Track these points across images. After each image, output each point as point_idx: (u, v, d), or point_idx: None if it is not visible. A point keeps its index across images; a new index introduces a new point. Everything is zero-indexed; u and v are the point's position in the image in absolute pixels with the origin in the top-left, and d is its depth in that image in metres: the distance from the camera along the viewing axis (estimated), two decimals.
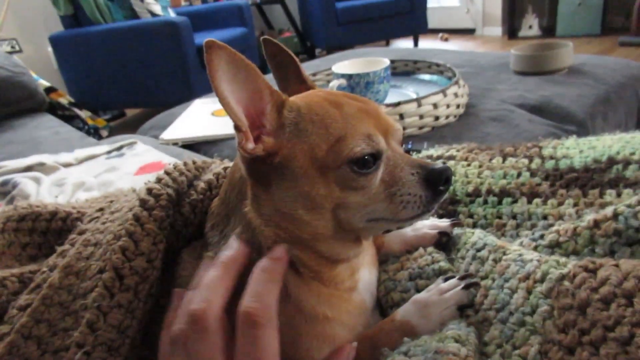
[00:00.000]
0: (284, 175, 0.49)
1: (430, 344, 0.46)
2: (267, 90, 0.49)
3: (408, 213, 0.50)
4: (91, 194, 1.18)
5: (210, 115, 1.76)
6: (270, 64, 0.62)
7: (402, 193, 0.50)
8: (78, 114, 3.25)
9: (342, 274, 0.55)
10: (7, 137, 2.00)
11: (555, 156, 0.76)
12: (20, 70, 2.37)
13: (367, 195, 0.50)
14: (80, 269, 0.57)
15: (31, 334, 0.53)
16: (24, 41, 4.12)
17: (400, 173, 0.51)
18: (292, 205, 0.49)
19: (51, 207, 0.70)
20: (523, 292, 0.48)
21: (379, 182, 0.50)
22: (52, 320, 0.54)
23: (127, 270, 0.53)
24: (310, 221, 0.50)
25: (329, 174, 0.49)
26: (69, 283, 0.56)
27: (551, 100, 1.55)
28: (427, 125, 1.39)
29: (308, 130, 0.49)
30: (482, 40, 5.74)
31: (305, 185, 0.49)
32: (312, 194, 0.49)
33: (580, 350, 0.39)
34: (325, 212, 0.50)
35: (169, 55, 3.49)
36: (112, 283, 0.52)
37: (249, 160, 0.50)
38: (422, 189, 0.50)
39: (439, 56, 2.10)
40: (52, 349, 0.52)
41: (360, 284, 0.57)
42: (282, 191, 0.50)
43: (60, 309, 0.55)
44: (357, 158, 0.48)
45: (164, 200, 0.58)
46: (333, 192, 0.49)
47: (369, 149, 0.49)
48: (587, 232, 0.54)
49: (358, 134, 0.49)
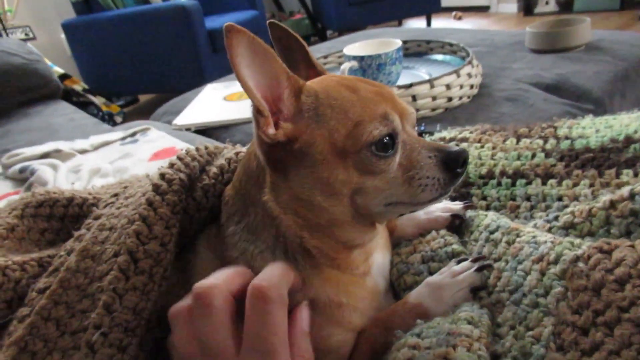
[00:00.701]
0: (303, 162, 0.49)
1: (443, 325, 0.46)
2: (284, 75, 0.49)
3: (426, 196, 0.51)
4: (107, 180, 1.20)
5: (222, 100, 1.76)
6: (277, 48, 0.61)
7: (421, 176, 0.50)
8: (92, 100, 3.29)
9: (357, 259, 0.55)
10: (24, 125, 2.03)
11: (571, 136, 0.74)
12: (35, 58, 2.39)
13: (385, 179, 0.50)
14: (96, 252, 0.58)
15: (50, 315, 0.55)
16: (38, 28, 4.14)
17: (417, 156, 0.51)
18: (310, 191, 0.49)
19: (68, 193, 0.71)
20: (537, 274, 0.48)
21: (397, 166, 0.50)
22: (70, 302, 0.55)
23: (141, 254, 0.54)
24: (329, 207, 0.50)
25: (348, 159, 0.49)
26: (86, 266, 0.57)
27: (567, 79, 1.52)
28: (440, 107, 1.38)
29: (327, 115, 0.49)
30: (497, 18, 5.61)
31: (324, 171, 0.48)
32: (331, 180, 0.49)
33: (595, 331, 0.39)
34: (343, 197, 0.50)
35: (180, 39, 3.49)
36: (127, 266, 0.53)
37: (267, 147, 0.50)
38: (440, 172, 0.50)
39: (452, 36, 2.06)
40: (70, 329, 0.54)
41: (373, 268, 0.58)
42: (301, 178, 0.49)
43: (78, 292, 0.56)
44: (377, 141, 0.48)
45: (177, 185, 0.59)
46: (352, 177, 0.49)
47: (386, 129, 0.49)
48: (602, 213, 0.54)
49: (376, 116, 0.49)
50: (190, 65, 3.58)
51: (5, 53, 2.29)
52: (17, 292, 0.60)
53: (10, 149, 1.59)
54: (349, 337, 0.54)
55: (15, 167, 1.35)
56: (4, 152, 1.55)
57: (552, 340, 0.41)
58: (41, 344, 0.53)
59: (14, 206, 0.70)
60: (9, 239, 0.67)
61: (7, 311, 0.59)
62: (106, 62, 3.77)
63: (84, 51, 3.81)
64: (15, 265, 0.61)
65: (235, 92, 1.81)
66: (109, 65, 3.78)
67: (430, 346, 0.44)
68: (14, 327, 0.56)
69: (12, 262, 0.61)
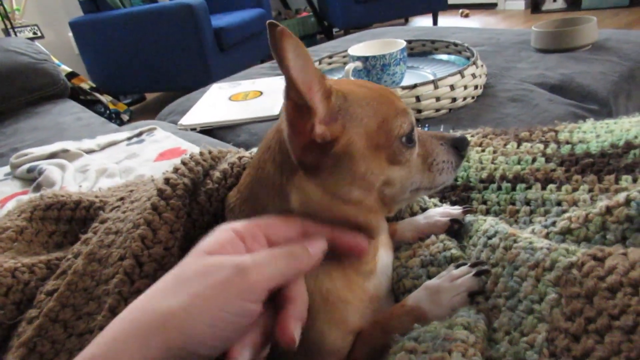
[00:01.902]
0: (340, 160, 0.50)
1: (440, 330, 0.47)
2: (317, 78, 0.48)
3: (444, 178, 0.58)
4: (114, 180, 1.22)
5: (227, 100, 1.77)
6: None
7: (438, 161, 0.57)
8: (100, 98, 3.31)
9: (369, 253, 0.57)
10: (32, 124, 2.05)
11: (572, 141, 0.75)
12: (43, 57, 2.41)
13: (410, 168, 0.54)
14: (102, 256, 0.59)
15: (58, 317, 0.56)
16: (45, 27, 4.18)
17: (431, 145, 0.57)
18: (347, 188, 0.51)
19: (75, 196, 0.73)
20: (532, 280, 0.48)
21: (417, 155, 0.55)
22: (77, 304, 0.57)
23: (145, 258, 0.55)
24: (363, 200, 0.52)
25: (382, 153, 0.52)
26: (92, 269, 0.58)
27: (573, 79, 1.52)
28: (444, 108, 1.38)
29: (358, 114, 0.51)
30: (504, 15, 5.58)
31: (362, 167, 0.51)
32: (367, 174, 0.51)
33: (586, 338, 0.40)
34: (375, 190, 0.52)
35: (186, 37, 3.51)
36: (132, 270, 0.54)
37: (301, 150, 0.50)
38: (452, 155, 0.58)
39: (457, 35, 2.06)
40: (77, 331, 0.55)
41: (379, 266, 0.59)
42: (336, 175, 0.50)
43: (85, 294, 0.57)
44: (406, 133, 0.53)
45: (181, 190, 0.60)
46: (384, 169, 0.52)
47: (410, 123, 0.54)
48: (599, 219, 0.54)
49: (399, 111, 0.53)
50: (197, 63, 3.60)
51: (13, 52, 2.32)
52: (26, 294, 0.62)
53: (19, 147, 1.61)
54: (348, 338, 0.54)
55: (23, 167, 1.37)
56: (12, 151, 1.57)
57: (546, 346, 0.42)
58: (49, 345, 0.55)
59: (23, 208, 0.72)
60: (18, 241, 0.68)
61: (16, 312, 0.61)
62: (113, 60, 3.80)
63: (91, 50, 3.84)
64: (25, 268, 0.63)
65: (240, 92, 1.82)
66: (116, 64, 3.80)
67: (426, 351, 0.45)
68: (23, 329, 0.58)
69: (21, 264, 0.63)
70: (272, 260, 0.41)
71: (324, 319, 0.53)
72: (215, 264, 0.38)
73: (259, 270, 0.38)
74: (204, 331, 0.35)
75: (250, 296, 0.37)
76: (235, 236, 0.42)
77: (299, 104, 0.47)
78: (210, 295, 0.36)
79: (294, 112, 0.47)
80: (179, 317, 0.35)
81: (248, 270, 0.37)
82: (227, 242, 0.41)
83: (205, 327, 0.35)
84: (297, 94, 0.45)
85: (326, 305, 0.53)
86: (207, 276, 0.37)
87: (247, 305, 0.37)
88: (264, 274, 0.39)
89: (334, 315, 0.53)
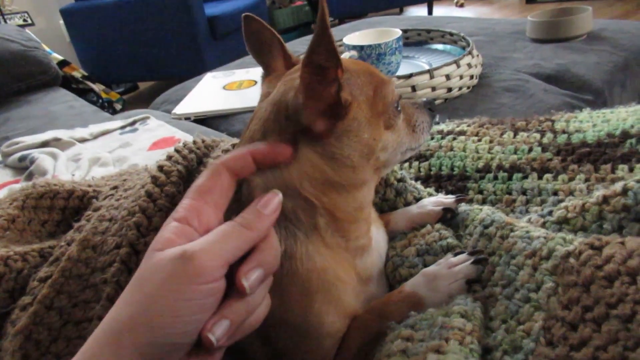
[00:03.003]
0: (349, 126, 0.51)
1: (437, 318, 0.47)
2: None
3: (425, 136, 0.63)
4: (107, 169, 1.21)
5: (221, 89, 1.76)
6: (252, 41, 0.62)
7: (419, 123, 0.61)
8: (92, 87, 3.27)
9: (362, 227, 0.57)
10: (23, 112, 2.03)
11: (568, 130, 0.75)
12: (33, 45, 2.37)
13: (399, 132, 0.58)
14: (96, 243, 0.58)
15: (53, 304, 0.56)
16: (36, 14, 4.11)
17: (409, 109, 0.61)
18: (350, 153, 0.52)
19: (68, 185, 0.72)
20: (529, 269, 0.48)
21: (402, 120, 0.59)
22: (72, 291, 0.56)
23: (142, 246, 0.54)
24: (364, 167, 0.54)
25: (380, 120, 0.54)
26: (87, 256, 0.58)
27: (568, 69, 1.52)
28: (440, 97, 1.38)
29: (359, 83, 0.53)
30: (499, 5, 5.56)
31: (366, 133, 0.52)
32: (370, 140, 0.53)
33: (583, 326, 0.40)
34: (373, 156, 0.54)
35: (180, 26, 3.47)
36: (128, 258, 0.54)
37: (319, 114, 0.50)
38: (427, 116, 0.63)
39: (453, 24, 2.05)
40: (74, 319, 0.55)
41: (374, 241, 0.60)
42: (342, 142, 0.51)
43: (80, 281, 0.57)
44: (397, 100, 0.57)
45: (175, 177, 0.59)
46: (382, 135, 0.55)
47: (396, 92, 0.57)
48: (595, 208, 0.54)
49: (385, 80, 0.56)
50: (190, 52, 3.56)
51: (3, 39, 2.28)
52: (19, 282, 0.61)
53: (10, 136, 1.59)
54: (345, 321, 0.54)
55: (14, 155, 1.35)
56: (3, 140, 1.55)
57: (542, 334, 0.42)
58: (45, 332, 0.54)
59: (15, 197, 0.71)
60: (10, 230, 0.67)
61: (9, 301, 0.60)
62: (105, 48, 3.75)
63: (82, 37, 3.79)
64: (17, 256, 0.62)
65: (234, 81, 1.80)
66: (108, 52, 3.76)
67: (423, 338, 0.45)
68: (17, 315, 0.57)
69: (13, 252, 0.62)
70: (222, 237, 0.40)
71: (322, 299, 0.52)
72: (161, 259, 0.38)
73: (207, 252, 0.38)
74: (170, 323, 0.36)
75: (202, 279, 0.37)
76: (179, 224, 0.42)
77: (323, 68, 0.47)
78: (164, 291, 0.36)
79: (314, 77, 0.48)
80: (142, 319, 0.36)
81: (194, 256, 0.37)
82: (174, 233, 0.41)
83: (170, 319, 0.36)
84: (331, 54, 0.46)
85: (323, 284, 0.52)
86: (156, 273, 0.37)
87: (203, 288, 0.37)
88: (214, 253, 0.39)
89: (331, 294, 0.52)
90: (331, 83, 0.49)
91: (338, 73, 0.48)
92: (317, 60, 0.46)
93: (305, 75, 0.48)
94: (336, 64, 0.47)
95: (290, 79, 0.54)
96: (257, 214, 0.44)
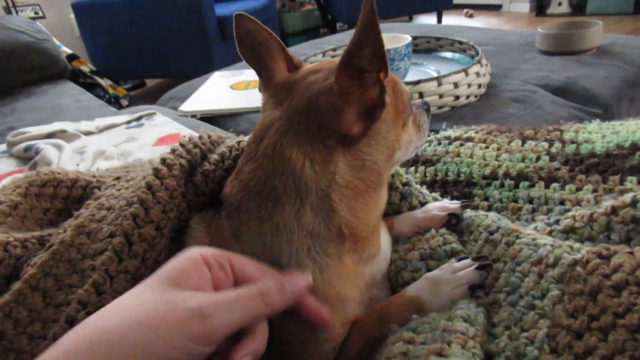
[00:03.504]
0: (379, 128, 0.52)
1: (439, 322, 0.46)
2: None
3: (426, 135, 0.66)
4: (111, 162, 1.21)
5: (229, 89, 1.76)
6: (245, 41, 0.59)
7: (423, 122, 0.64)
8: (99, 82, 3.28)
9: (376, 237, 0.57)
10: (30, 104, 2.03)
11: (577, 140, 0.74)
12: (43, 37, 2.38)
13: (410, 130, 0.60)
14: (92, 230, 0.57)
15: (38, 285, 0.55)
16: (47, 7, 4.13)
17: (414, 109, 0.63)
18: (376, 157, 0.52)
19: (72, 174, 0.71)
20: (534, 276, 0.48)
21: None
22: (59, 275, 0.55)
23: (136, 237, 0.53)
24: (386, 170, 0.54)
25: (400, 118, 0.56)
26: (80, 242, 0.57)
27: (576, 82, 1.51)
28: (447, 105, 1.37)
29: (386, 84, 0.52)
30: (509, 17, 5.57)
31: (391, 134, 0.54)
32: (394, 141, 0.54)
33: (589, 335, 0.39)
34: (394, 156, 0.55)
35: (189, 25, 3.48)
36: (121, 248, 0.53)
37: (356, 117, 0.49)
38: (426, 116, 0.66)
39: (462, 33, 2.05)
40: (55, 302, 0.54)
41: (382, 246, 0.59)
42: (371, 145, 0.51)
43: (69, 266, 0.56)
44: (410, 99, 0.59)
45: (177, 170, 0.59)
46: (401, 134, 0.56)
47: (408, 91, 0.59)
48: (603, 219, 0.54)
49: (397, 80, 0.57)
50: (199, 51, 3.57)
51: (14, 31, 2.29)
52: (17, 268, 0.60)
53: (16, 127, 1.59)
54: (346, 327, 0.53)
55: (20, 145, 1.35)
56: (9, 130, 1.56)
57: (547, 342, 0.42)
58: (25, 312, 0.53)
59: (18, 184, 0.71)
60: (11, 216, 0.67)
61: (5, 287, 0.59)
62: (114, 44, 3.76)
63: (92, 32, 3.80)
64: (17, 242, 0.61)
65: (242, 81, 1.80)
66: (117, 48, 3.77)
67: (425, 341, 0.44)
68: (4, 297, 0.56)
69: (13, 238, 0.62)
70: (237, 304, 0.38)
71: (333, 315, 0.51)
72: (176, 301, 0.36)
73: (221, 315, 0.37)
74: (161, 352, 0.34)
75: (205, 341, 0.36)
76: (202, 262, 0.40)
77: (363, 71, 0.46)
78: (166, 331, 0.35)
79: (353, 80, 0.47)
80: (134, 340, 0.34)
81: (209, 317, 0.36)
82: (193, 269, 0.39)
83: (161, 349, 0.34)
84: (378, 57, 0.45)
85: (334, 303, 0.51)
86: (167, 313, 0.35)
87: (200, 349, 0.35)
88: (226, 320, 0.37)
89: (338, 309, 0.51)
90: (372, 86, 0.47)
91: (381, 76, 0.47)
92: (359, 63, 0.45)
93: (342, 78, 0.46)
94: (380, 67, 0.46)
95: (313, 83, 0.51)
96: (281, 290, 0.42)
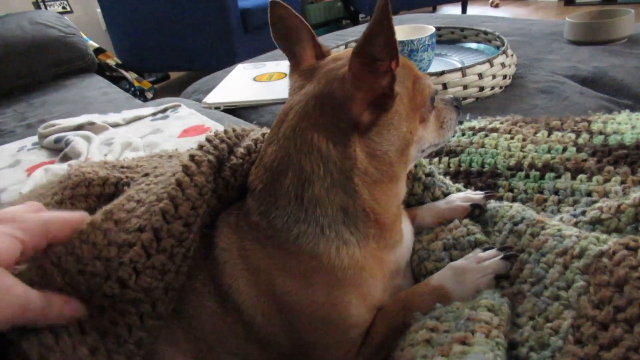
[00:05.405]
0: (391, 119, 0.52)
1: (463, 311, 0.47)
2: None
3: (450, 134, 0.63)
4: (137, 154, 1.23)
5: (251, 81, 1.77)
6: (275, 28, 0.61)
7: (447, 120, 0.62)
8: (125, 75, 3.34)
9: (399, 225, 0.58)
10: (59, 96, 2.09)
11: (605, 131, 0.73)
12: (71, 31, 2.44)
13: (430, 126, 0.58)
14: (120, 218, 0.57)
15: (60, 263, 0.52)
16: (74, 2, 4.21)
17: (439, 105, 0.61)
18: (388, 147, 0.52)
19: (102, 172, 0.73)
20: (559, 267, 0.48)
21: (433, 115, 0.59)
22: (80, 257, 0.53)
23: (164, 233, 0.54)
24: (398, 162, 0.54)
25: (416, 113, 0.55)
26: (107, 227, 0.55)
27: (606, 72, 1.47)
28: (471, 96, 1.36)
29: (402, 76, 0.53)
30: (536, 7, 5.44)
31: (404, 126, 0.53)
32: (407, 133, 0.53)
33: (614, 326, 0.39)
34: (408, 149, 0.55)
35: (213, 19, 3.50)
36: (150, 244, 0.53)
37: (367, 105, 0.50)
38: (454, 113, 0.63)
39: (487, 23, 2.01)
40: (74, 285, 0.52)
41: (405, 234, 0.60)
42: (383, 135, 0.52)
43: (93, 249, 0.54)
44: (432, 94, 0.57)
45: (205, 167, 0.60)
46: (417, 129, 0.56)
47: (432, 86, 0.57)
48: (631, 210, 0.53)
49: (421, 75, 0.57)
50: (222, 44, 3.59)
51: (43, 25, 2.35)
52: None
53: (46, 119, 1.64)
54: (372, 312, 0.54)
55: (50, 137, 1.40)
56: (40, 122, 1.60)
57: (571, 333, 0.42)
58: None
59: (55, 190, 0.72)
60: None
61: None
62: (139, 38, 3.82)
63: (118, 26, 3.87)
64: None
65: (264, 73, 1.82)
66: (142, 41, 3.83)
67: (448, 329, 0.45)
68: None
69: None
70: None
71: (353, 292, 0.52)
72: None
73: None
74: None
75: None
76: None
77: (375, 59, 0.46)
78: None
79: (365, 67, 0.47)
80: None
81: None
82: None
83: None
84: (390, 46, 0.46)
85: (357, 280, 0.52)
86: None
87: None
88: None
89: (362, 289, 0.53)
90: (383, 75, 0.48)
91: (392, 65, 0.48)
92: (371, 51, 0.46)
93: (355, 65, 0.47)
94: (392, 56, 0.47)
95: (331, 70, 0.53)
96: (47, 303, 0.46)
